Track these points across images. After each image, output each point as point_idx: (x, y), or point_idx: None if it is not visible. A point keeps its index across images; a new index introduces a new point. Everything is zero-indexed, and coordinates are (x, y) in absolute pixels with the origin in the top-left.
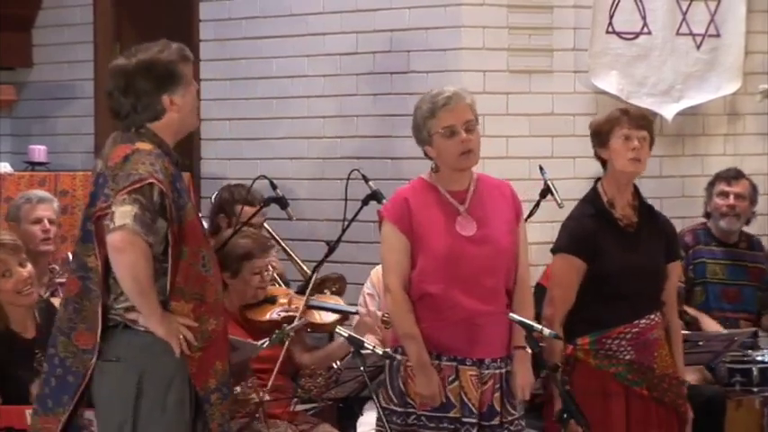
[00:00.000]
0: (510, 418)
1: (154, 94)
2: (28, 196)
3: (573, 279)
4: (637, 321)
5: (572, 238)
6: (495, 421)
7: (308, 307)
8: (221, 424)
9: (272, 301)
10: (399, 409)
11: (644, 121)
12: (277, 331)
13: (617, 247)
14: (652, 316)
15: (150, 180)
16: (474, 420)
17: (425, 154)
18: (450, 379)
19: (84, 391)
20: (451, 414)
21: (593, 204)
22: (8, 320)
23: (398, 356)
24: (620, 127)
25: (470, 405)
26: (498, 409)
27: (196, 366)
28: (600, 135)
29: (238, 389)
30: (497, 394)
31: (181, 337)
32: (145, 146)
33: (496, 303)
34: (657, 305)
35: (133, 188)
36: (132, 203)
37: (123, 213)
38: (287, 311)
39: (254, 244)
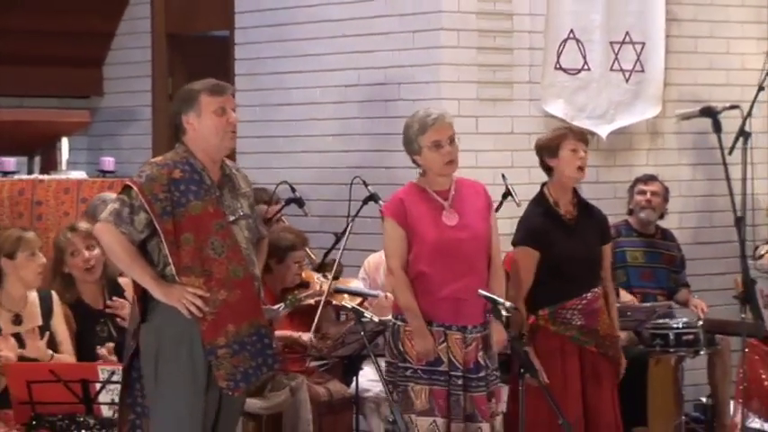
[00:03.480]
0: (490, 370)
1: (177, 114)
2: (104, 198)
3: (530, 265)
4: (585, 295)
5: (527, 233)
6: (482, 374)
7: (336, 291)
8: (231, 374)
9: (305, 285)
10: (400, 364)
11: (585, 137)
12: (290, 297)
13: (563, 238)
14: (595, 289)
15: (127, 182)
16: (460, 374)
17: (414, 161)
18: (440, 341)
19: (135, 350)
20: (441, 368)
21: (541, 205)
22: (79, 293)
23: (398, 322)
24: (568, 141)
25: (456, 362)
26: (483, 364)
27: (207, 326)
28: (549, 148)
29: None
30: (481, 353)
31: (185, 301)
32: (157, 158)
33: (476, 279)
34: (598, 281)
35: (121, 189)
36: (116, 201)
37: (108, 209)
38: (319, 295)
39: (296, 239)
